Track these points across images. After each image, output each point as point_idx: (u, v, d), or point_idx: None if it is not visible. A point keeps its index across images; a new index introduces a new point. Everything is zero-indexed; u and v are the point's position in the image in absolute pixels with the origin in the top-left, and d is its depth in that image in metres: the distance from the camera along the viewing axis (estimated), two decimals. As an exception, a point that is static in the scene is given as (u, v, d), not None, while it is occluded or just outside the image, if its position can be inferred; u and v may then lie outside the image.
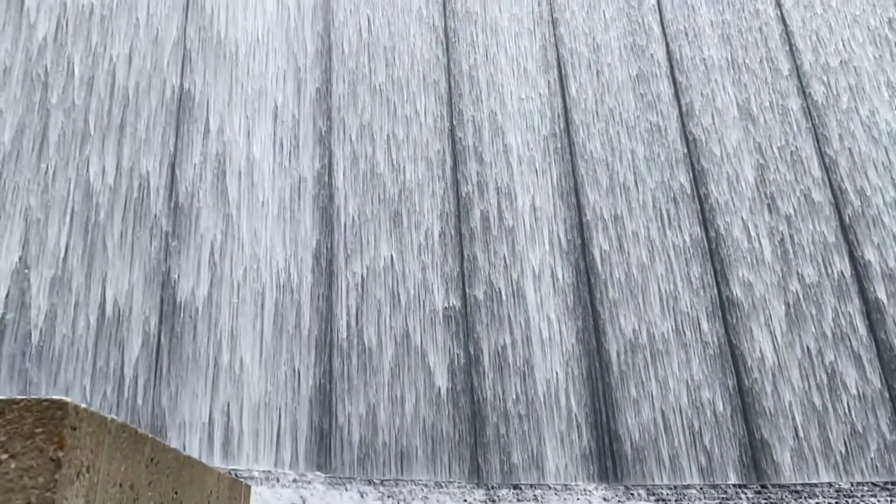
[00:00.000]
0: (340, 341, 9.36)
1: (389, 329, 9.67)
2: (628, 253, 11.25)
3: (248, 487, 2.61)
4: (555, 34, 12.86)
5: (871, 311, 11.09)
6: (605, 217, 11.46)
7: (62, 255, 7.47)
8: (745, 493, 9.97)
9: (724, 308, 11.07)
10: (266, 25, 10.25)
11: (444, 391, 9.70)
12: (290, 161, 9.81)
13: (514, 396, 10.00)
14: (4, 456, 1.68)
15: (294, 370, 8.79)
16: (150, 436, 1.87)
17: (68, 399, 1.70)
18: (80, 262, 7.54)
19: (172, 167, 8.61)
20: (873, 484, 10.07)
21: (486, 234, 10.90)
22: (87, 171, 7.87)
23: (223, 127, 9.26)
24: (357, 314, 9.59)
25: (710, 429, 10.29)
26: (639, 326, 10.74)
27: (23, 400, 1.72)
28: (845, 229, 11.65)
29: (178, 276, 8.26)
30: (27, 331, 7.05)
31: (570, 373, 10.37)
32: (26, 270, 7.22)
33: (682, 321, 10.90)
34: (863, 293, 11.19)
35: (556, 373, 10.27)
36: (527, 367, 10.21)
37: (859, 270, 11.34)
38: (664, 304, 10.96)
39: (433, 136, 11.26)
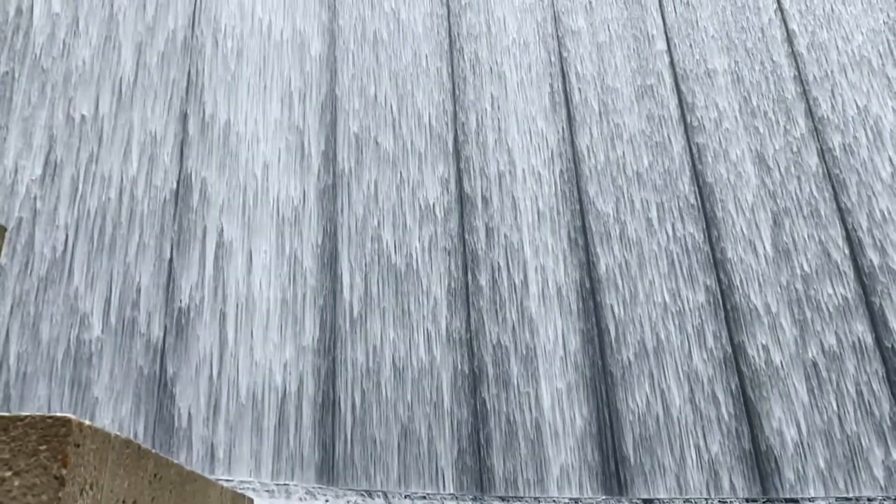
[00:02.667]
0: (345, 435, 9.34)
1: (395, 414, 9.64)
2: (640, 312, 11.32)
3: (252, 501, 2.67)
4: (563, 82, 13.14)
5: (892, 375, 11.12)
6: (617, 273, 11.56)
7: (46, 394, 7.36)
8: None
9: (740, 370, 11.10)
10: (270, 108, 10.29)
11: (450, 474, 9.68)
12: (292, 249, 9.77)
13: (524, 464, 9.98)
14: (8, 473, 1.76)
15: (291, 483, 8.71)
16: (153, 451, 1.96)
17: (72, 415, 1.79)
18: (69, 393, 7.43)
19: (168, 281, 8.49)
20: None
21: (494, 295, 10.96)
22: (73, 293, 7.72)
23: (223, 224, 9.17)
24: (362, 402, 9.56)
25: None
26: (652, 392, 10.75)
27: (27, 416, 1.81)
28: (864, 286, 11.75)
29: (175, 399, 8.16)
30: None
31: (583, 442, 10.36)
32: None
33: (695, 387, 10.91)
34: (883, 355, 11.23)
35: (570, 448, 10.23)
36: (537, 433, 10.20)
37: (879, 331, 11.40)
38: (678, 367, 10.99)
39: (440, 197, 11.36)
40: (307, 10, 11.46)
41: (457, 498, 9.42)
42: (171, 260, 8.61)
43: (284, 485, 8.47)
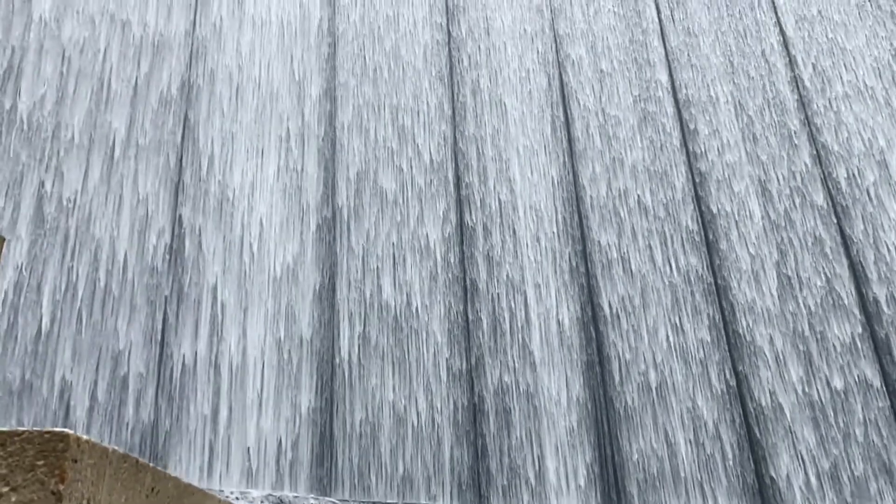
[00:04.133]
0: (342, 482, 9.29)
1: (392, 462, 9.60)
2: (644, 348, 11.30)
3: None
4: (564, 110, 13.25)
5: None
6: (619, 308, 11.55)
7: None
8: None
9: (745, 407, 11.07)
10: (269, 154, 10.18)
11: None
12: (289, 301, 9.63)
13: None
14: (5, 489, 1.79)
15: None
16: (150, 465, 1.98)
17: (70, 431, 1.82)
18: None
19: (161, 348, 8.30)
20: None
21: (495, 331, 10.93)
22: (60, 366, 7.51)
23: (218, 283, 8.99)
24: (359, 455, 9.50)
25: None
26: (656, 438, 10.69)
27: (24, 431, 1.84)
28: (870, 322, 11.76)
29: (167, 470, 8.06)
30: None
31: (588, 485, 10.32)
32: None
33: (699, 427, 10.86)
34: (889, 393, 11.21)
35: (572, 495, 10.19)
36: (539, 473, 10.17)
37: (886, 369, 11.39)
38: (682, 406, 10.96)
39: (441, 234, 11.33)
40: (306, 50, 11.57)
41: None
42: (163, 327, 8.49)
43: (280, 496, 8.45)
